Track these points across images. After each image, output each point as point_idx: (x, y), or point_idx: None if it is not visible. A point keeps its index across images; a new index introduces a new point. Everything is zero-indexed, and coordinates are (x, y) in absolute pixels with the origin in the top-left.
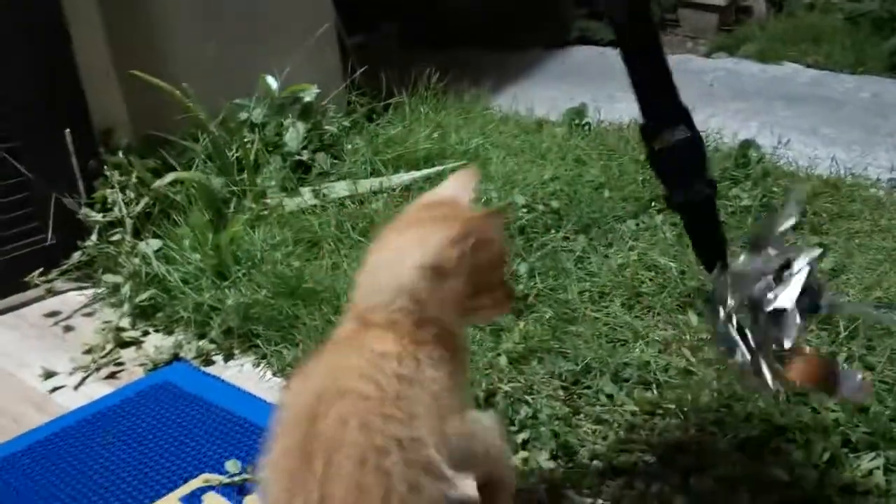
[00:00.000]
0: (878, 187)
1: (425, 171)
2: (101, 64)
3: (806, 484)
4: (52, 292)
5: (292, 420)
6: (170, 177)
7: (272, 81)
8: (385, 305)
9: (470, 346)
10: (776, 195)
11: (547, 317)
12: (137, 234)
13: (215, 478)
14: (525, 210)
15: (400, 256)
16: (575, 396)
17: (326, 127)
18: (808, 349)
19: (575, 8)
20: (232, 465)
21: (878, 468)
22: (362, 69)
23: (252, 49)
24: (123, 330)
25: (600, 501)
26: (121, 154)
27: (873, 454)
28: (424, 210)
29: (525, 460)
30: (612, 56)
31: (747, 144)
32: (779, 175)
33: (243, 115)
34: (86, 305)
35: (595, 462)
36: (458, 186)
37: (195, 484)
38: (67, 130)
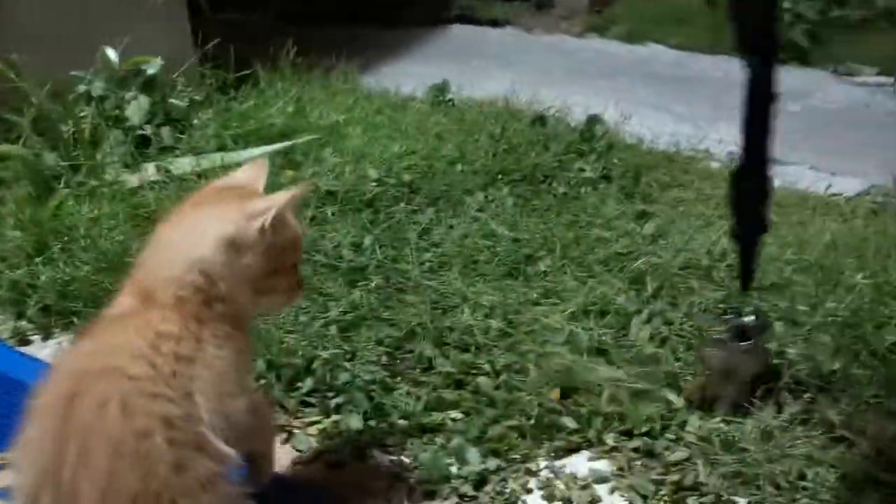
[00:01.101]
0: (713, 159)
1: (276, 146)
2: None
3: (590, 433)
4: None
5: (50, 401)
6: (5, 155)
7: (112, 53)
8: (174, 280)
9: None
10: (616, 167)
11: (373, 285)
12: None
13: None
14: (375, 184)
15: (197, 230)
16: (397, 361)
17: (173, 101)
18: None
19: None
20: None
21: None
22: (215, 41)
23: (93, 20)
24: None
25: (402, 457)
26: None
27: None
28: (218, 191)
29: (336, 423)
30: (491, 35)
31: (593, 120)
32: (621, 149)
33: (81, 88)
34: None
35: (403, 421)
36: (249, 175)
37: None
38: None
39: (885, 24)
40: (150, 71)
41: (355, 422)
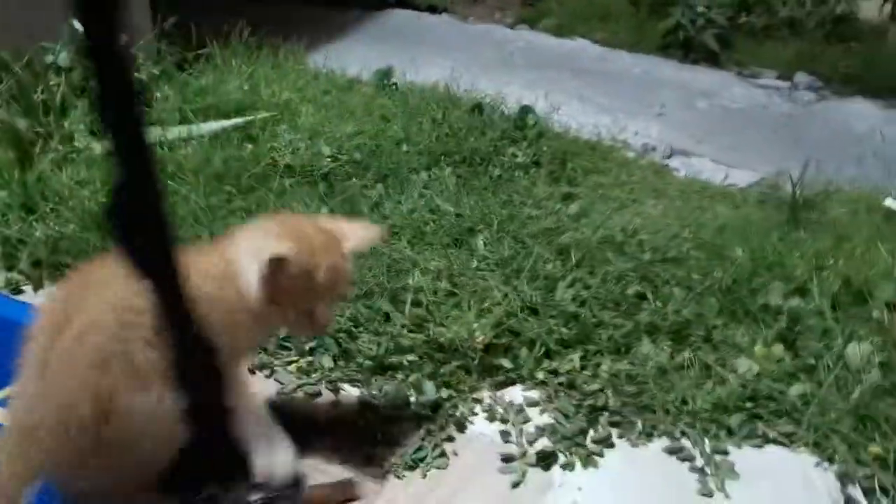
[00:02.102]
0: (630, 149)
1: (235, 120)
2: None
3: (524, 371)
4: None
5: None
6: None
7: (79, 26)
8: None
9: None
10: (545, 154)
11: None
12: None
13: None
14: (330, 160)
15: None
16: (358, 315)
17: (136, 75)
18: None
19: None
20: None
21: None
22: (173, 19)
23: None
24: None
25: (367, 390)
26: None
27: (579, 349)
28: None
29: (310, 362)
30: (429, 21)
31: (526, 110)
32: (550, 137)
33: (49, 59)
34: None
35: (368, 362)
36: (355, 234)
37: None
38: None
39: (786, 31)
40: None
41: (327, 361)
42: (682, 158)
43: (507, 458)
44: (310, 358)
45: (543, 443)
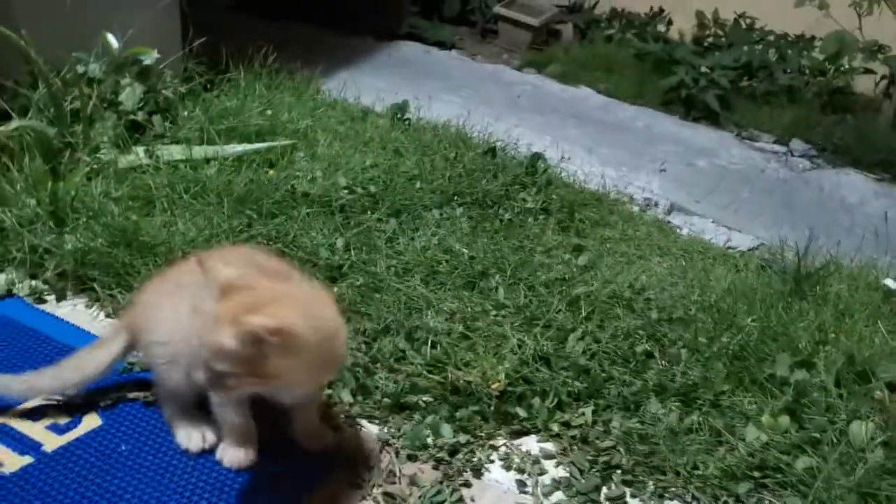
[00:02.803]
0: (634, 203)
1: (257, 146)
2: None
3: (538, 421)
4: None
5: None
6: (14, 123)
7: (113, 40)
8: None
9: None
10: (554, 202)
11: (358, 284)
12: None
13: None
14: (346, 191)
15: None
16: (375, 351)
17: (163, 91)
18: None
19: (409, 4)
20: None
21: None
22: (202, 39)
23: (95, 4)
24: None
25: (386, 429)
26: None
27: (591, 403)
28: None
29: (330, 395)
30: (438, 56)
31: (537, 157)
32: (559, 185)
33: (80, 69)
34: None
35: (386, 400)
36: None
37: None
38: None
39: (784, 98)
40: (147, 61)
41: (346, 395)
42: (683, 216)
43: None
44: (329, 391)
45: (559, 496)
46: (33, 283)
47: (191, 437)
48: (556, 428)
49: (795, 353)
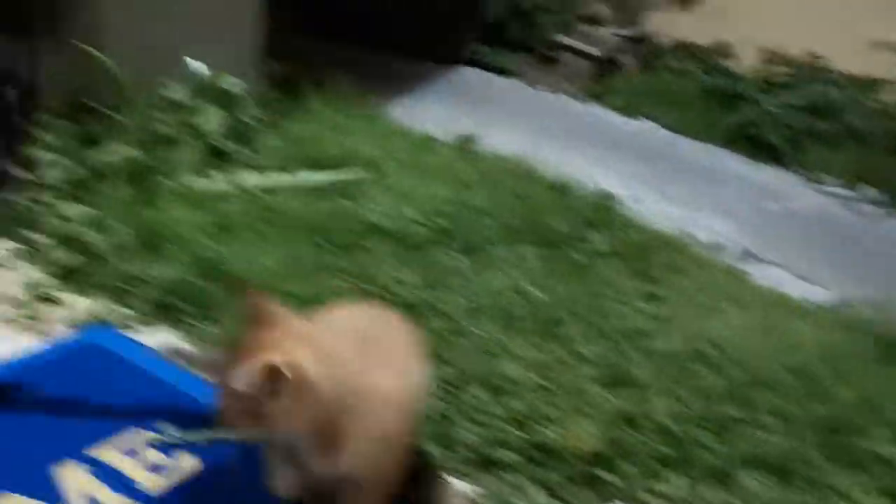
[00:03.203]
0: (702, 247)
1: (331, 177)
2: (47, 23)
3: (630, 489)
4: None
5: None
6: (110, 151)
7: (200, 67)
8: None
9: None
10: (624, 244)
11: (434, 327)
12: (63, 197)
13: (146, 434)
14: (417, 225)
15: None
16: (454, 398)
17: (243, 118)
18: None
19: (471, 30)
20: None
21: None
22: (280, 68)
23: (182, 33)
24: (44, 287)
25: (473, 485)
26: (51, 117)
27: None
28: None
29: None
30: (499, 83)
31: (606, 196)
32: (629, 226)
33: (166, 95)
34: None
35: (471, 454)
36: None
37: (127, 436)
38: (11, 88)
39: (853, 141)
40: (229, 88)
41: (430, 445)
42: (755, 263)
43: None
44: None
45: None
46: (122, 310)
47: (285, 479)
48: (647, 497)
49: (893, 428)
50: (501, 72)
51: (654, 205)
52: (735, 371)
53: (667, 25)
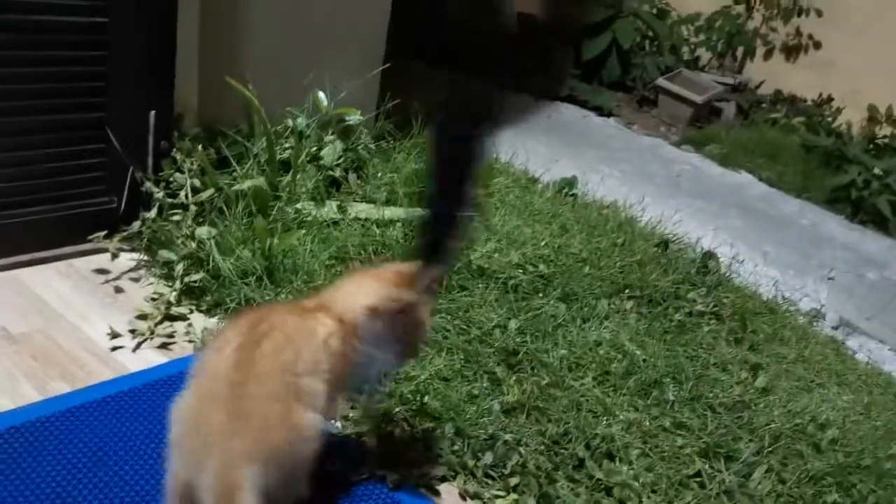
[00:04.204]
0: (801, 314)
1: None
2: (190, 52)
3: None
4: (105, 251)
5: None
6: (247, 183)
7: (324, 99)
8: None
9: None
10: (724, 306)
11: (541, 381)
12: (195, 219)
13: None
14: (519, 270)
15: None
16: (553, 454)
17: (359, 149)
18: None
19: (571, 66)
20: None
21: None
22: (396, 101)
23: (315, 65)
24: (172, 305)
25: None
26: (188, 141)
27: None
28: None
29: (515, 501)
30: (595, 122)
31: (709, 255)
32: (730, 288)
33: (290, 123)
34: (131, 270)
35: None
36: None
37: None
38: (153, 112)
39: None
40: (350, 121)
41: (531, 502)
42: (857, 338)
43: None
44: (514, 496)
45: None
46: None
47: None
48: None
49: None
50: (598, 110)
51: (753, 264)
52: (839, 455)
53: (770, 75)
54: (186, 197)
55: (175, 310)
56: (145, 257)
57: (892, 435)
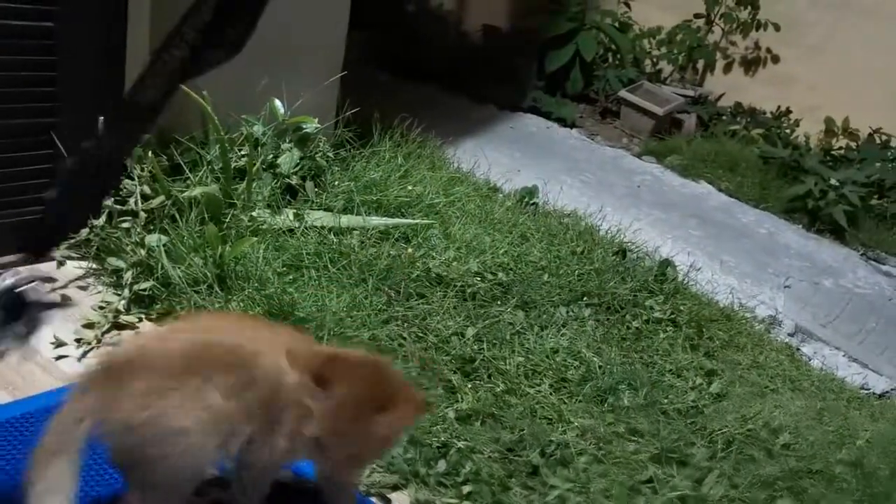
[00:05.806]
0: (757, 321)
1: (398, 221)
2: (141, 56)
3: None
4: (51, 259)
5: None
6: (197, 190)
7: (280, 107)
8: None
9: None
10: (681, 314)
11: (496, 388)
12: (146, 227)
13: None
14: (478, 278)
15: None
16: (508, 462)
17: (318, 158)
18: None
19: (535, 78)
20: None
21: None
22: (356, 109)
23: (270, 73)
24: (121, 313)
25: None
26: (139, 147)
27: None
28: None
29: None
30: (558, 133)
31: (666, 263)
32: (686, 296)
33: (245, 131)
34: (79, 278)
35: None
36: None
37: None
38: (101, 118)
39: None
40: (308, 129)
41: None
42: (812, 344)
43: None
44: (468, 503)
45: None
46: None
47: None
48: None
49: None
50: (561, 121)
51: (711, 273)
52: (790, 460)
53: (730, 88)
54: (136, 204)
55: (124, 318)
56: (94, 265)
57: (843, 440)
